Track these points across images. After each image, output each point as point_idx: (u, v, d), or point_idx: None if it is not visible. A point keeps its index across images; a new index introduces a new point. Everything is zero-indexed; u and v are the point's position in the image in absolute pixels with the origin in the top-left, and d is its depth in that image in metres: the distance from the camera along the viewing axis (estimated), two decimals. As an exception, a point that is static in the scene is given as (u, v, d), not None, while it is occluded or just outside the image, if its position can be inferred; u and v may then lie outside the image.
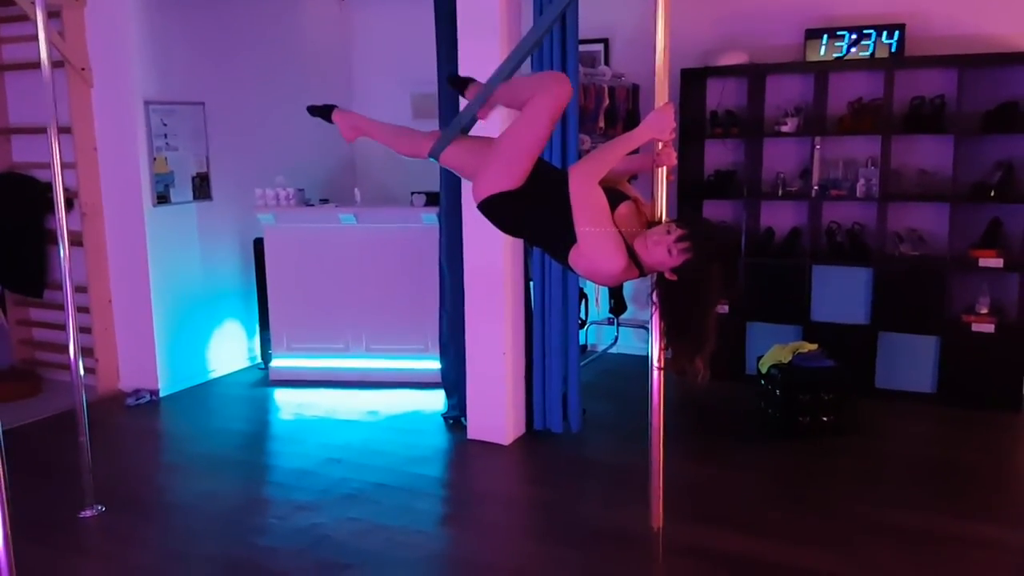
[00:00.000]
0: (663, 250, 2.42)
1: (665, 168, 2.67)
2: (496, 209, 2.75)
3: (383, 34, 6.96)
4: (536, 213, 2.69)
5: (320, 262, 5.89)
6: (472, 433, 4.84)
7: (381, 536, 3.79)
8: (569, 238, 2.52)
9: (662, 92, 2.68)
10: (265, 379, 6.10)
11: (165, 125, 5.60)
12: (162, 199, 5.62)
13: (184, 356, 5.90)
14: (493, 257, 4.58)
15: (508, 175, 2.64)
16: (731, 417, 5.11)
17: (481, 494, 4.31)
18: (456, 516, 4.10)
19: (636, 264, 2.51)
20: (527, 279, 4.84)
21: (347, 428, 5.15)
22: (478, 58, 4.43)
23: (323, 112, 3.33)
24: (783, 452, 4.63)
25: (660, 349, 2.65)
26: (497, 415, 4.73)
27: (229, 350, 6.28)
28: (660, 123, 2.60)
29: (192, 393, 5.85)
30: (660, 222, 2.59)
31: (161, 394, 5.72)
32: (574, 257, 2.56)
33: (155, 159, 5.55)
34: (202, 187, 5.92)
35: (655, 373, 2.72)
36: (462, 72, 4.50)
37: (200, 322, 6.01)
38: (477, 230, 4.60)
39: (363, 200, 6.04)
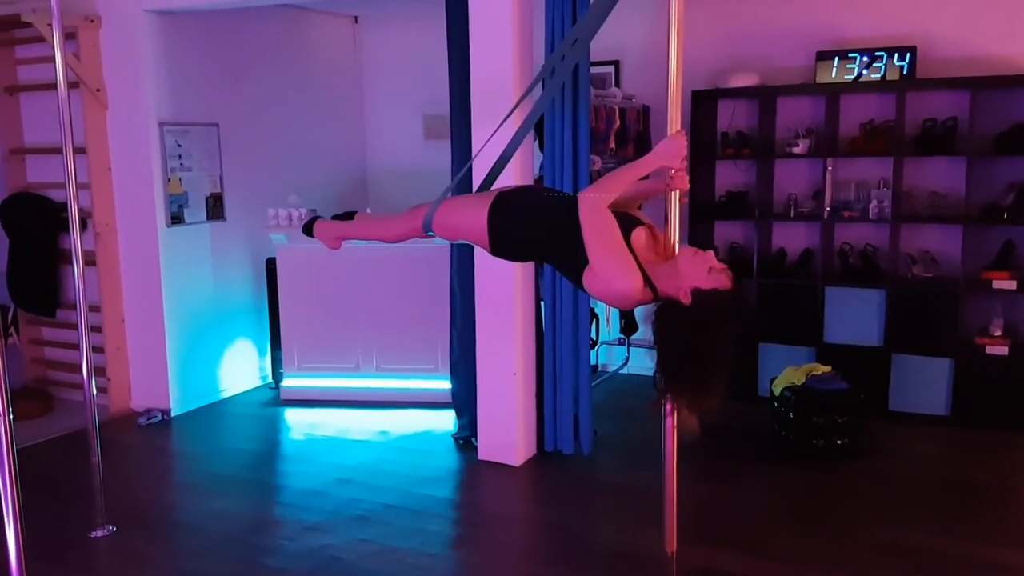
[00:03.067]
0: (705, 269, 2.38)
1: (678, 191, 2.68)
2: (505, 246, 2.75)
3: (395, 55, 7.01)
4: (546, 239, 2.69)
5: (331, 281, 5.91)
6: (483, 454, 4.83)
7: (391, 558, 3.77)
8: (581, 260, 2.52)
9: (675, 118, 2.69)
10: (276, 399, 6.10)
11: (179, 146, 5.64)
12: (176, 219, 5.66)
13: (196, 375, 5.91)
14: (504, 277, 4.58)
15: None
16: (744, 438, 5.07)
17: (492, 516, 4.29)
18: (467, 538, 4.08)
19: (651, 288, 2.50)
20: (538, 299, 4.84)
21: (357, 448, 5.14)
22: (490, 78, 4.46)
23: (306, 230, 3.27)
24: (796, 474, 4.60)
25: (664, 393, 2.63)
26: (508, 436, 4.72)
27: (240, 369, 6.29)
28: (671, 150, 2.61)
29: (203, 412, 5.85)
30: (675, 250, 2.59)
31: (173, 413, 5.73)
32: (588, 279, 2.55)
33: (169, 180, 5.59)
34: (216, 207, 5.95)
35: (667, 409, 2.71)
36: (474, 94, 4.54)
37: (212, 341, 6.03)
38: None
39: (375, 220, 6.05)
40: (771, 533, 3.92)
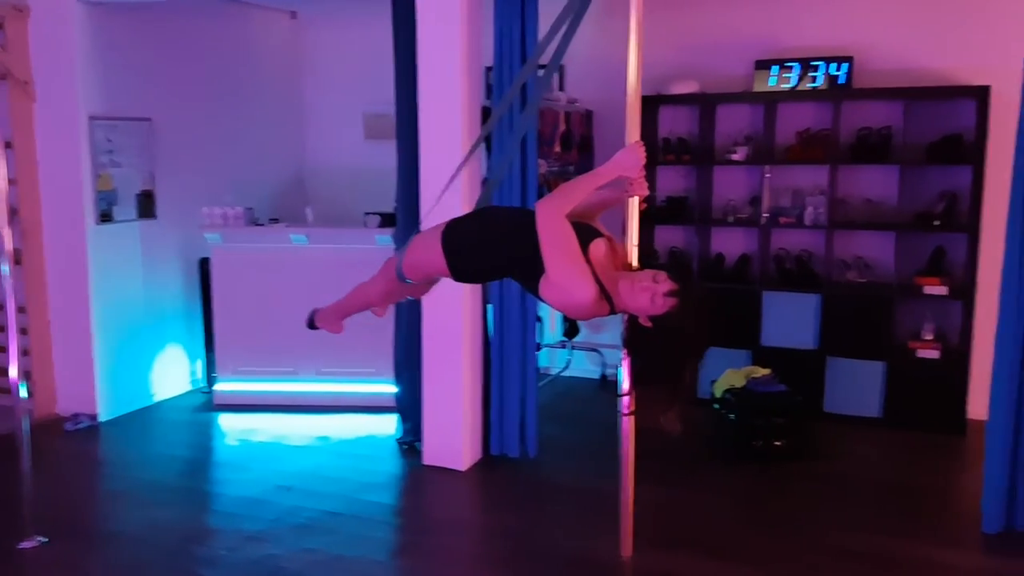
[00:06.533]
0: (647, 297, 2.42)
1: (638, 197, 2.70)
2: (462, 260, 2.74)
3: (335, 52, 6.88)
4: (502, 253, 2.68)
5: (269, 283, 5.76)
6: (428, 459, 4.76)
7: (338, 567, 3.69)
8: (539, 269, 2.50)
9: (634, 127, 2.71)
10: (209, 403, 5.93)
11: (110, 141, 5.43)
12: (105, 217, 5.45)
13: (125, 379, 5.70)
14: (450, 280, 4.52)
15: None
16: (686, 441, 5.11)
17: (440, 522, 4.23)
18: (415, 545, 4.01)
19: (607, 300, 2.50)
20: (485, 302, 4.81)
21: (297, 454, 5.02)
22: (439, 75, 4.41)
23: (310, 324, 3.38)
24: (740, 476, 4.66)
25: (628, 395, 2.65)
26: (454, 440, 4.67)
27: (172, 373, 6.09)
28: (630, 160, 2.64)
29: (133, 418, 5.65)
30: (635, 266, 2.60)
31: (101, 419, 5.51)
32: (544, 288, 2.54)
33: (99, 176, 5.38)
34: (146, 205, 5.75)
35: (624, 419, 2.72)
36: (421, 94, 4.49)
37: (142, 344, 5.83)
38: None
39: (315, 220, 5.95)
40: (723, 536, 3.95)
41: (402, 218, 4.82)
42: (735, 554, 3.77)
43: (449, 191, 3.03)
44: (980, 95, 4.95)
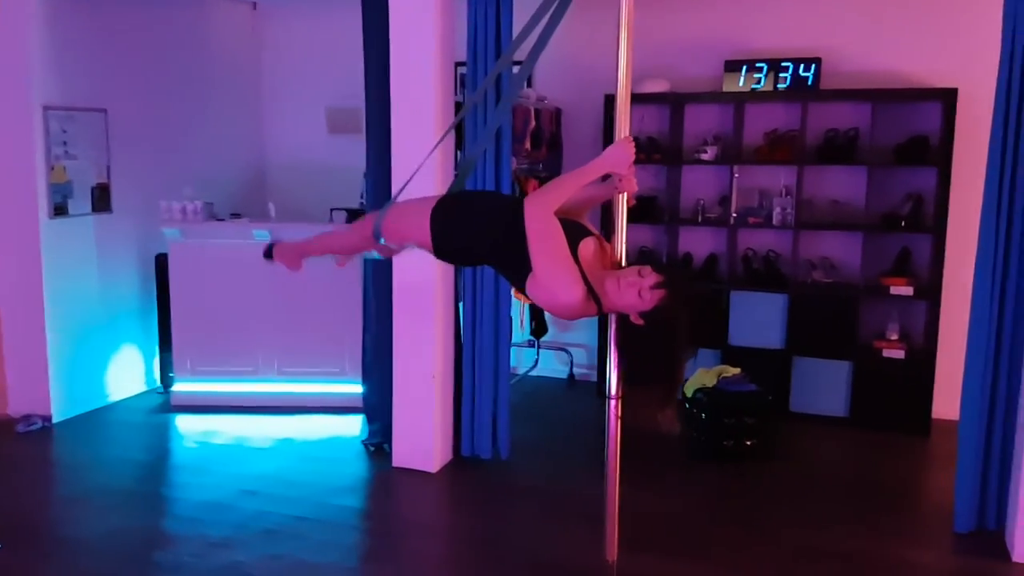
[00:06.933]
0: (634, 292, 2.37)
1: (626, 194, 2.65)
2: (448, 250, 2.69)
3: (297, 45, 6.74)
4: (489, 244, 2.61)
5: (230, 280, 5.60)
6: (397, 460, 4.66)
7: (308, 574, 3.58)
8: (526, 267, 2.44)
9: (624, 122, 2.65)
10: (166, 404, 5.76)
11: (64, 132, 5.24)
12: (59, 211, 5.25)
13: (79, 379, 5.51)
14: (423, 277, 4.44)
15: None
16: (657, 440, 5.07)
17: (412, 526, 4.14)
18: (386, 551, 3.91)
19: (595, 299, 2.44)
20: (456, 300, 4.73)
21: (260, 457, 4.89)
22: (413, 69, 4.32)
23: (266, 255, 3.15)
24: (712, 476, 4.65)
25: (616, 396, 2.60)
26: (425, 441, 4.57)
27: (127, 373, 5.90)
28: (620, 156, 2.58)
29: (88, 419, 5.46)
30: (624, 264, 2.55)
31: (54, 420, 5.32)
32: (531, 287, 2.47)
33: (53, 168, 5.18)
34: (102, 199, 5.56)
35: (611, 417, 2.66)
36: (394, 87, 4.39)
37: (97, 342, 5.63)
38: (407, 250, 4.45)
39: (278, 215, 5.80)
40: (696, 538, 3.93)
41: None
42: (709, 556, 3.75)
43: (422, 181, 2.94)
44: (948, 98, 5.00)
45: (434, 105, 4.32)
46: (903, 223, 5.27)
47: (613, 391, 2.60)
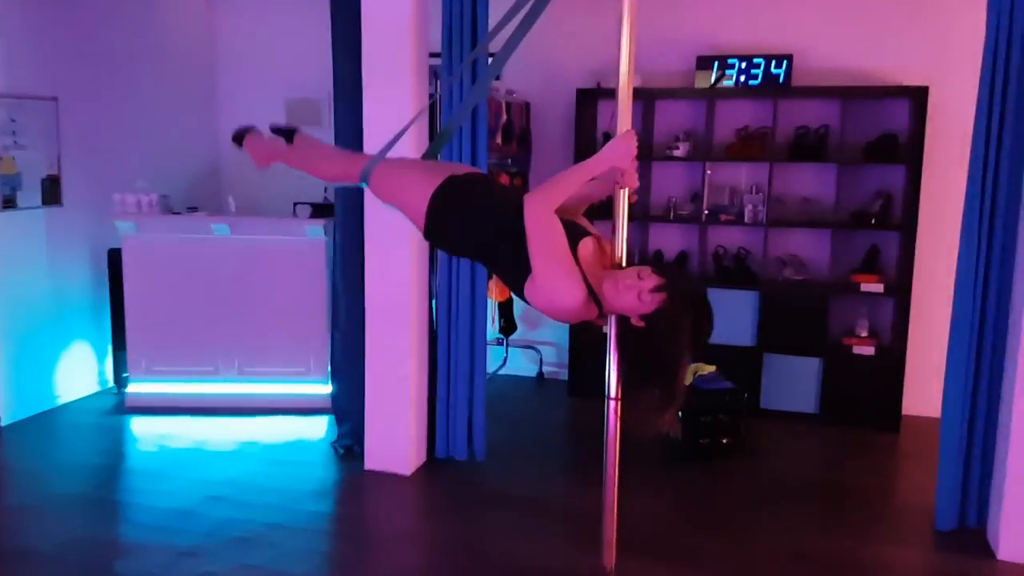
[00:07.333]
0: (633, 295, 2.27)
1: (627, 190, 2.55)
2: (440, 236, 2.57)
3: (253, 36, 6.53)
4: (487, 242, 2.48)
5: (187, 276, 5.40)
6: (370, 463, 4.52)
7: (285, 583, 3.43)
8: (524, 269, 2.32)
9: (626, 117, 2.54)
10: (120, 406, 5.52)
11: (13, 121, 4.98)
12: (8, 203, 4.99)
13: (28, 380, 5.25)
14: (397, 275, 4.31)
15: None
16: (632, 438, 5.01)
17: (389, 532, 3.99)
18: (365, 558, 3.76)
19: (595, 302, 2.35)
20: (430, 298, 4.60)
21: (222, 460, 4.70)
22: (386, 58, 4.18)
23: (236, 139, 2.84)
24: (689, 475, 4.60)
25: (616, 400, 2.51)
26: (399, 443, 4.44)
27: (78, 373, 5.65)
28: (623, 150, 2.46)
29: (36, 422, 5.20)
30: (624, 264, 2.45)
31: (2, 424, 5.07)
32: (529, 290, 2.35)
33: (1, 159, 4.92)
34: (52, 191, 5.31)
35: (611, 419, 2.57)
36: (366, 76, 4.24)
37: (46, 341, 5.37)
38: (380, 247, 4.32)
39: (238, 209, 5.60)
40: (674, 539, 3.87)
41: (341, 208, 4.55)
42: (688, 558, 3.69)
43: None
44: (918, 96, 5.02)
45: (410, 96, 4.19)
46: (873, 220, 5.29)
47: (612, 392, 2.51)
